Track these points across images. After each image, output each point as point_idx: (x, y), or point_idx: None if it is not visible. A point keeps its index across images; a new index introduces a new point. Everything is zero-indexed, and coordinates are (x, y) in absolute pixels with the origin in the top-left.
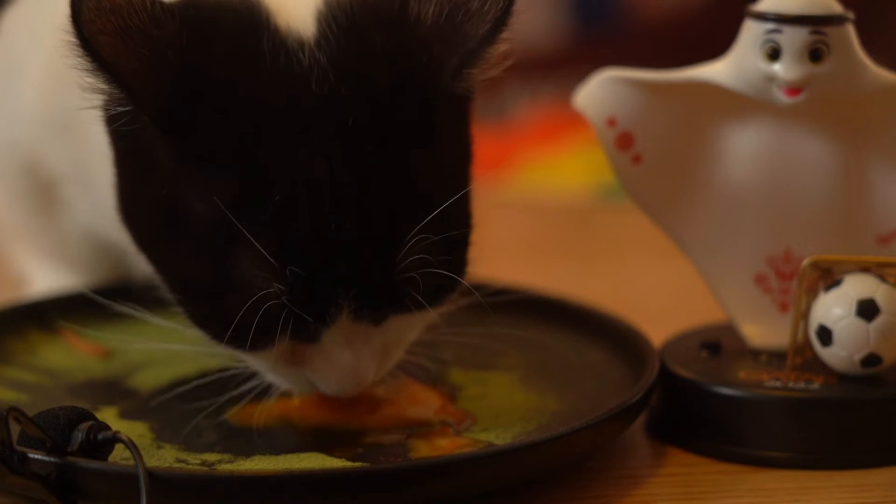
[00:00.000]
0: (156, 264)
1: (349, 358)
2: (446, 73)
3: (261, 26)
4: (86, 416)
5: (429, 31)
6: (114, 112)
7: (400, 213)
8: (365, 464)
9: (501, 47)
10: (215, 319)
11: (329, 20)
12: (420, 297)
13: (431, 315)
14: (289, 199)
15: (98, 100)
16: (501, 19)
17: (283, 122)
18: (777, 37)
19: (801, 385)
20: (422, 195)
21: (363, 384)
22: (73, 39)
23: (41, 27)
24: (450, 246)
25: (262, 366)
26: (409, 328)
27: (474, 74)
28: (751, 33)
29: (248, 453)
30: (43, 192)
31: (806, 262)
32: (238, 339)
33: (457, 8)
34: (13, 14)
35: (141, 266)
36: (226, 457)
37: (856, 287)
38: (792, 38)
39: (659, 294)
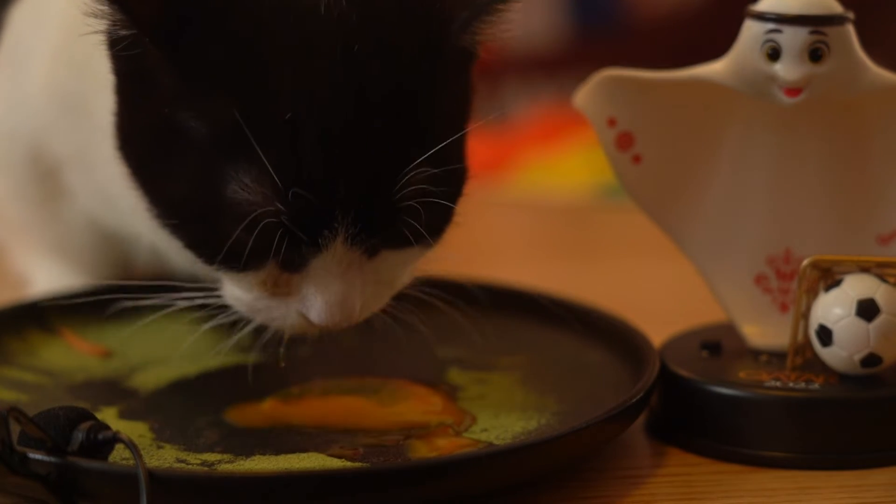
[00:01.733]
0: (151, 192)
1: (339, 286)
2: (456, 23)
3: None
4: (86, 416)
5: None
6: (115, 36)
7: (401, 143)
8: (365, 464)
9: (512, 7)
10: (209, 240)
11: None
12: (418, 226)
13: (422, 252)
14: (292, 119)
15: (102, 25)
16: None
17: (289, 42)
18: (777, 37)
19: (801, 385)
20: (423, 129)
21: (351, 317)
22: None
23: (44, 12)
24: (447, 181)
25: (248, 297)
26: (402, 265)
27: (482, 30)
28: (751, 33)
29: (248, 453)
30: (46, 182)
31: (806, 262)
32: (231, 260)
33: None
34: (20, 9)
35: (145, 253)
36: (226, 457)
37: (856, 287)
38: (792, 38)
39: (659, 294)
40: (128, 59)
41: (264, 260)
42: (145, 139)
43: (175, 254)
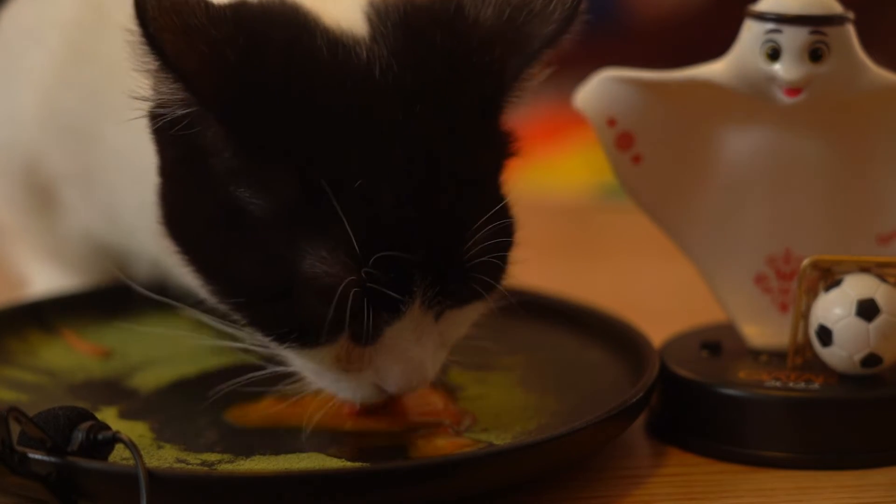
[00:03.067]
0: (208, 273)
1: (417, 351)
2: (508, 72)
3: (311, 25)
4: (86, 416)
5: (488, 31)
6: (172, 116)
7: (468, 200)
8: (365, 464)
9: (562, 48)
10: (283, 318)
11: (381, 18)
12: (488, 282)
13: (484, 307)
14: (366, 186)
15: (147, 106)
16: (568, 20)
17: (349, 108)
18: (777, 37)
19: (801, 385)
20: (483, 183)
21: (427, 380)
22: (139, 37)
23: (42, 26)
24: (505, 233)
25: (320, 372)
26: (463, 322)
27: (532, 75)
28: (751, 33)
29: (248, 453)
30: (41, 194)
31: (806, 262)
32: (306, 336)
33: (518, 9)
34: (10, 12)
35: (142, 264)
36: (226, 457)
37: (856, 287)
38: (792, 38)
39: (659, 294)
40: (179, 140)
41: (339, 333)
42: (200, 218)
43: (186, 279)
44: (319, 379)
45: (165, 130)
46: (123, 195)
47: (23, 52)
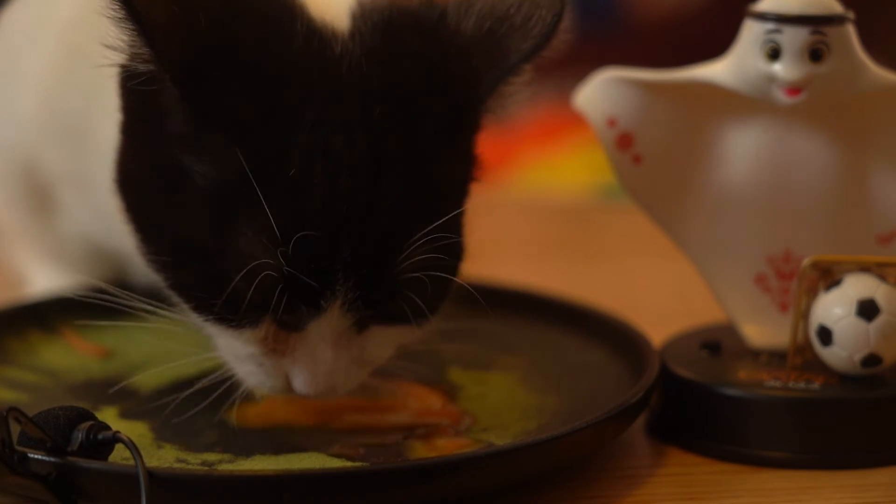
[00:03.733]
0: (146, 230)
1: (330, 356)
2: (483, 85)
3: (294, 13)
4: (86, 416)
5: (468, 42)
6: (134, 70)
7: (411, 211)
8: (365, 464)
9: (539, 64)
10: (206, 287)
11: (364, 18)
12: (418, 301)
13: (413, 331)
14: (303, 173)
15: (118, 57)
16: (547, 36)
17: (308, 97)
18: (777, 37)
19: (801, 385)
20: (434, 197)
21: (334, 390)
22: None
23: (40, 27)
24: (449, 253)
25: (240, 351)
26: (389, 343)
27: (507, 90)
28: (751, 33)
29: (248, 453)
30: (40, 195)
31: (806, 262)
32: (227, 311)
33: (499, 22)
34: (9, 14)
35: (139, 267)
36: (226, 457)
37: (856, 287)
38: (792, 38)
39: (659, 294)
40: (140, 96)
41: (261, 316)
42: (147, 177)
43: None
44: (236, 362)
45: (127, 84)
46: (108, 196)
47: (21, 54)
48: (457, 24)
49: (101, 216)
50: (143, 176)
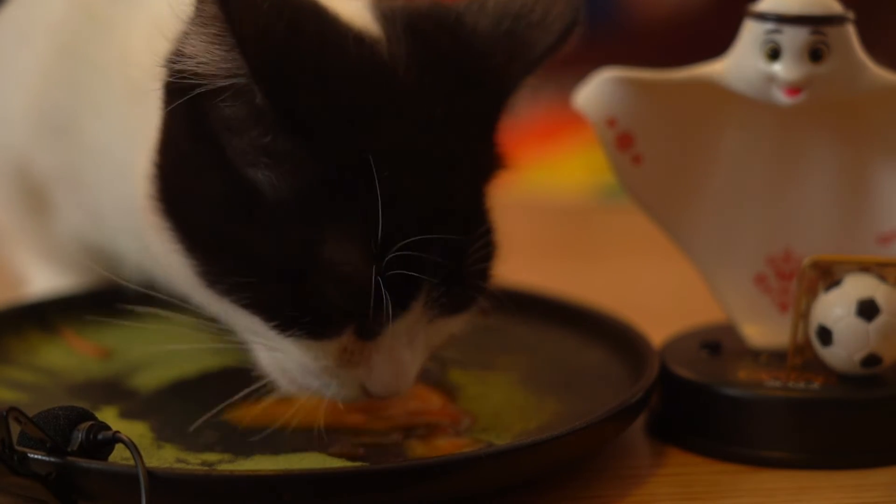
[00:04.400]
0: (209, 252)
1: (407, 355)
2: (510, 79)
3: (334, 20)
4: (86, 416)
5: (489, 40)
6: (212, 87)
7: (476, 204)
8: (365, 464)
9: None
10: (291, 303)
11: (390, 22)
12: (483, 288)
13: (468, 319)
14: (393, 176)
15: (173, 77)
16: (568, 31)
17: (378, 102)
18: (777, 37)
19: (801, 385)
20: (484, 190)
21: (409, 386)
22: (208, 3)
23: (31, 28)
24: (494, 246)
25: (310, 366)
26: (447, 331)
27: (529, 83)
28: (751, 33)
29: (248, 453)
30: (34, 196)
31: (806, 262)
32: (312, 324)
33: (517, 20)
34: (2, 16)
35: (133, 269)
36: (226, 457)
37: (856, 287)
38: (792, 38)
39: (659, 294)
40: (197, 114)
41: (348, 325)
42: (204, 195)
43: (174, 279)
44: (306, 376)
45: (185, 105)
46: (103, 194)
47: (13, 55)
48: (474, 23)
49: (93, 217)
50: (199, 195)
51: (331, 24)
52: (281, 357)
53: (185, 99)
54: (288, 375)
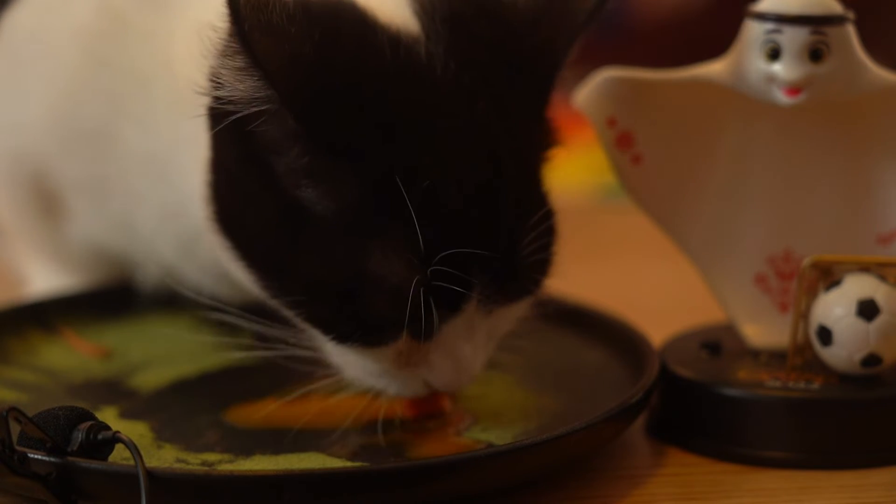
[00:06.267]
0: (264, 271)
1: (468, 350)
2: (558, 51)
3: (371, 23)
4: (86, 416)
5: (532, 14)
6: (245, 113)
7: (525, 195)
8: (365, 464)
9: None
10: (346, 316)
11: (430, 15)
12: (540, 279)
13: (530, 303)
14: (435, 183)
15: (213, 102)
16: None
17: (415, 108)
18: (777, 37)
19: (801, 385)
20: (535, 175)
21: (474, 378)
22: (228, 35)
23: (55, 34)
24: (552, 230)
25: (370, 368)
26: (511, 318)
27: (575, 50)
28: (751, 33)
29: (248, 453)
30: (47, 200)
31: (806, 262)
32: (368, 334)
33: None
34: (15, 19)
35: (149, 272)
36: (226, 457)
37: (856, 287)
38: (792, 38)
39: (659, 294)
40: (242, 137)
41: (402, 331)
42: (258, 216)
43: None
44: (369, 377)
45: (229, 128)
46: (139, 201)
47: (33, 61)
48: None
49: (119, 225)
50: (254, 216)
51: (365, 33)
52: (345, 360)
53: (226, 123)
54: (355, 375)
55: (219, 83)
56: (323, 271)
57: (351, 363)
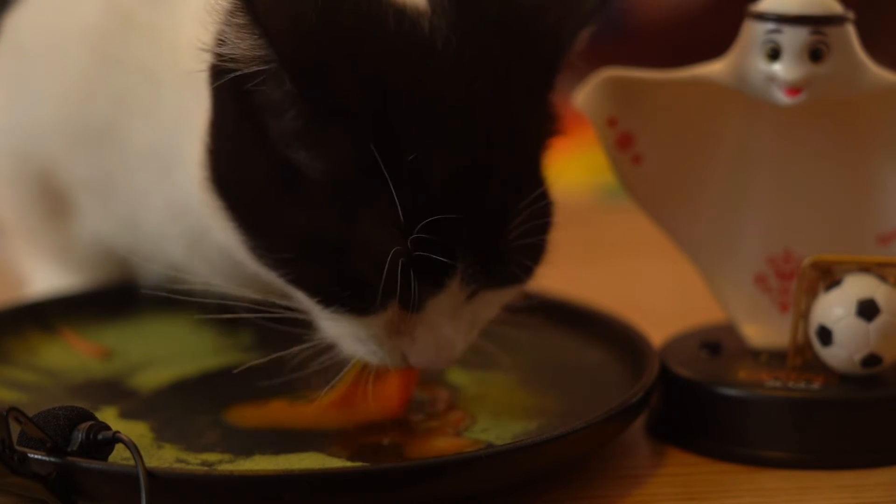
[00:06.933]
0: (257, 229)
1: (449, 329)
2: (564, 37)
3: None
4: (86, 416)
5: None
6: (245, 72)
7: (517, 177)
8: (365, 464)
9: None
10: (332, 280)
11: None
12: (528, 264)
13: (518, 290)
14: (422, 155)
15: (211, 59)
16: None
17: (412, 80)
18: (777, 37)
19: (801, 385)
20: (531, 159)
21: (454, 359)
22: None
23: (62, 33)
24: (545, 214)
25: (360, 334)
26: (496, 303)
27: (582, 38)
28: (751, 33)
29: (248, 453)
30: (54, 200)
31: (806, 262)
32: (355, 300)
33: None
34: (20, 19)
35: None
36: (226, 457)
37: (856, 287)
38: (792, 38)
39: (659, 294)
40: (241, 96)
41: (390, 300)
42: (253, 175)
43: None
44: (356, 344)
45: (229, 86)
46: (148, 197)
47: (40, 60)
48: None
49: (126, 222)
50: (249, 176)
51: (370, 2)
52: (335, 325)
53: (226, 80)
54: (344, 341)
55: (222, 40)
56: (310, 230)
57: (343, 331)
